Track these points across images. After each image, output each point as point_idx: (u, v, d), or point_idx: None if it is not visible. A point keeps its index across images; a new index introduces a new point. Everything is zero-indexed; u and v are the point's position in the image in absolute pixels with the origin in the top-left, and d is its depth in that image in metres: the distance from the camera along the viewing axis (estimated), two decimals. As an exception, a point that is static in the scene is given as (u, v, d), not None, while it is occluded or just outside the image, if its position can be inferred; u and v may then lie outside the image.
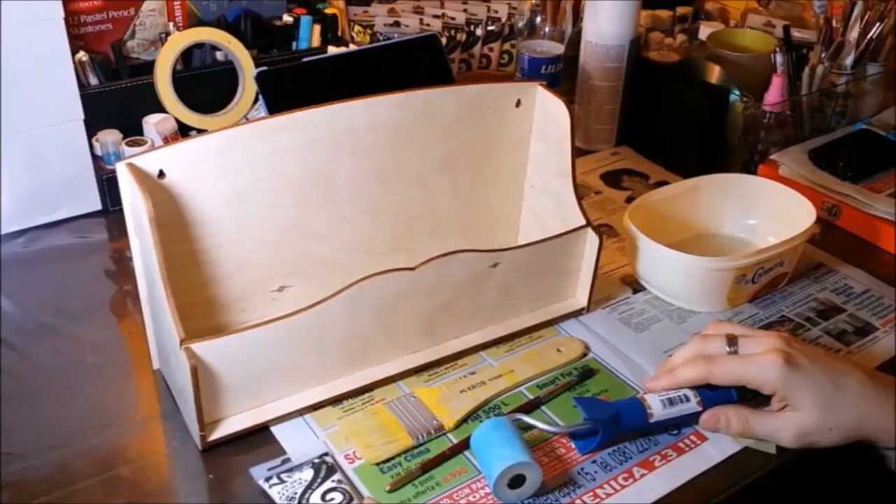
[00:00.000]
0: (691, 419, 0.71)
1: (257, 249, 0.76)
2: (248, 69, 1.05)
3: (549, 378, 0.77)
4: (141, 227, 0.66)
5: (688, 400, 0.70)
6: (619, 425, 0.69)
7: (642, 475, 0.68)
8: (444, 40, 1.24)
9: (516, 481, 0.64)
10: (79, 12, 1.02)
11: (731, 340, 0.70)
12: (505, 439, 0.65)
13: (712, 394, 0.70)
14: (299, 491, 0.64)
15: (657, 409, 0.69)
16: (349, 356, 0.73)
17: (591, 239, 0.80)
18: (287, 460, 0.67)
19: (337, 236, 0.80)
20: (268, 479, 0.65)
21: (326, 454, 0.67)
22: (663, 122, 1.11)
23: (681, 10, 1.36)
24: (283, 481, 0.65)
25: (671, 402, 0.69)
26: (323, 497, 0.63)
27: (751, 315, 0.86)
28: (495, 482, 0.63)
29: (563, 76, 1.18)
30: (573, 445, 0.70)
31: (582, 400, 0.71)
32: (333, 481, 0.65)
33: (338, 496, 0.63)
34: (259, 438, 0.70)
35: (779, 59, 1.08)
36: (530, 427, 0.70)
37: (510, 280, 0.78)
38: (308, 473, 0.65)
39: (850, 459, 0.80)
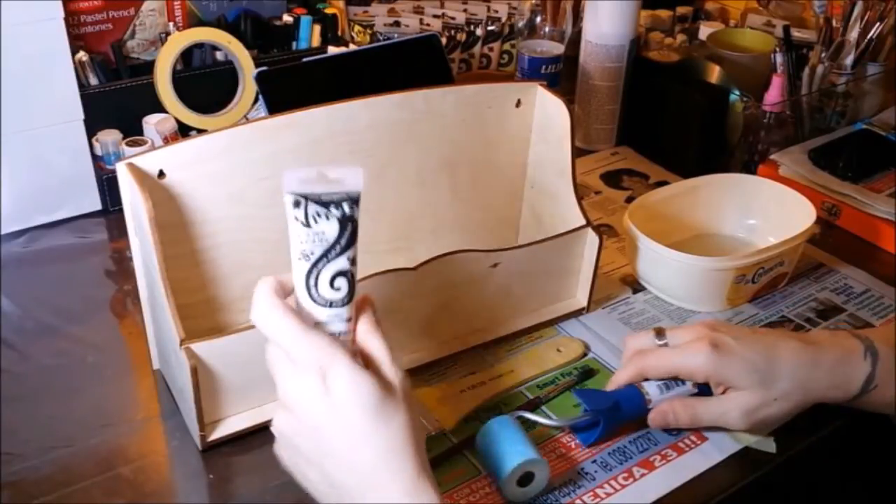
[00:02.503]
0: None
1: (257, 249, 0.76)
2: (248, 69, 1.05)
3: (549, 378, 0.77)
4: (141, 227, 0.66)
5: (683, 383, 0.70)
6: (620, 414, 0.69)
7: (642, 475, 0.68)
8: (444, 40, 1.23)
9: (525, 479, 0.64)
10: (79, 12, 1.02)
11: (660, 333, 0.71)
12: (513, 437, 0.65)
13: None
14: (316, 252, 0.56)
15: (654, 394, 0.69)
16: (349, 356, 0.73)
17: (591, 239, 0.80)
18: (322, 179, 0.56)
19: (337, 236, 0.80)
20: (296, 204, 0.56)
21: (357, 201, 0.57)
22: (663, 122, 1.11)
23: (681, 10, 1.36)
24: (308, 224, 0.56)
25: (667, 386, 0.70)
26: (332, 281, 0.56)
27: (751, 315, 0.86)
28: (506, 479, 0.63)
29: (563, 76, 1.18)
30: (576, 438, 0.71)
31: (581, 392, 0.72)
32: (348, 258, 0.57)
33: (344, 285, 0.57)
34: (259, 438, 0.70)
35: (779, 59, 1.08)
36: (533, 424, 0.70)
37: (510, 280, 0.78)
38: (333, 228, 0.56)
39: (850, 459, 0.81)
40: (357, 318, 0.58)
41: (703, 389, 0.70)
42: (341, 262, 0.56)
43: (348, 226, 0.57)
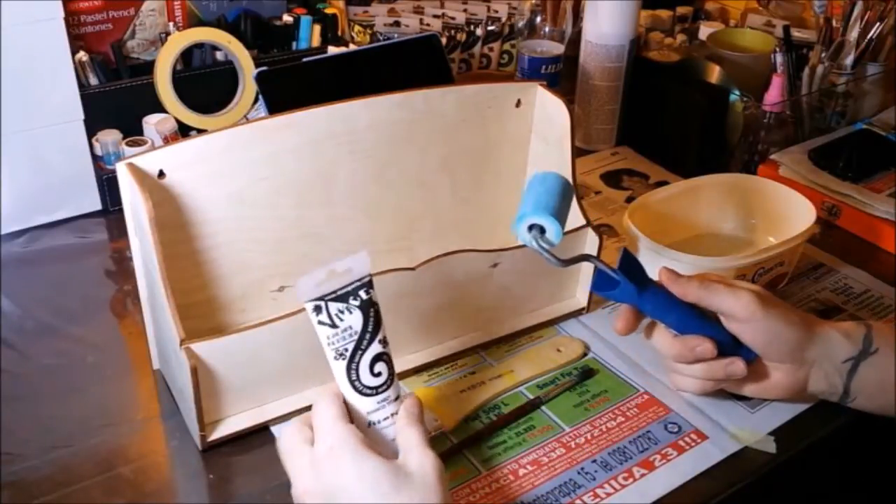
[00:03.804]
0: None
1: (257, 249, 0.76)
2: (248, 69, 1.05)
3: (549, 378, 0.77)
4: (141, 227, 0.66)
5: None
6: (646, 295, 0.69)
7: (642, 475, 0.68)
8: (444, 40, 1.24)
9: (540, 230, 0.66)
10: (79, 12, 1.02)
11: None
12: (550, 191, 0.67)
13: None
14: (350, 347, 0.58)
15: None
16: (349, 356, 0.73)
17: (591, 239, 0.80)
18: (332, 275, 0.58)
19: (337, 236, 0.80)
20: (317, 310, 0.58)
21: (371, 284, 0.59)
22: (663, 122, 1.11)
23: (681, 10, 1.36)
24: (334, 325, 0.58)
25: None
26: (372, 366, 0.59)
27: (751, 315, 0.86)
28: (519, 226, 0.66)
29: (563, 76, 1.18)
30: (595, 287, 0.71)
31: (630, 257, 0.70)
32: (380, 343, 0.59)
33: (384, 370, 0.59)
34: (259, 438, 0.70)
35: (779, 59, 1.08)
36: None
37: (510, 280, 0.78)
38: (357, 321, 0.58)
39: (851, 459, 0.81)
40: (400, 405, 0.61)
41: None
42: (375, 348, 0.59)
43: (370, 311, 0.59)
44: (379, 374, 0.59)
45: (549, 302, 0.84)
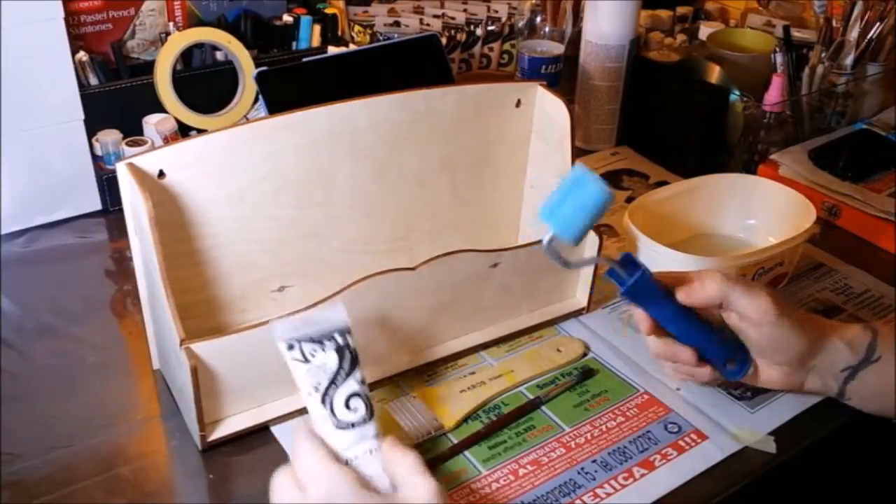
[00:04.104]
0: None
1: (257, 249, 0.76)
2: (248, 69, 1.05)
3: (549, 378, 0.77)
4: (141, 227, 0.66)
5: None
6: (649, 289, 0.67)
7: (642, 475, 0.68)
8: (444, 40, 1.24)
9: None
10: (79, 12, 1.02)
11: None
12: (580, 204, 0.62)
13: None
14: (324, 382, 0.58)
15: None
16: (349, 356, 0.73)
17: (591, 239, 0.80)
18: (309, 323, 0.60)
19: (337, 236, 0.80)
20: (290, 347, 0.58)
21: (348, 331, 0.60)
22: (663, 122, 1.11)
23: (681, 10, 1.36)
24: (307, 360, 0.58)
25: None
26: (347, 402, 0.58)
27: (751, 315, 0.86)
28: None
29: (563, 76, 1.18)
30: (614, 280, 0.67)
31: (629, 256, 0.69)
32: (356, 379, 0.59)
33: (360, 406, 0.58)
34: (259, 438, 0.70)
35: (779, 59, 1.08)
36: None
37: (510, 280, 0.78)
38: (332, 360, 0.59)
39: (850, 459, 0.81)
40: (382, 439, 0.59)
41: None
42: (351, 385, 0.59)
43: (346, 353, 0.59)
44: (356, 410, 0.58)
45: (549, 302, 0.84)
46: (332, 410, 0.58)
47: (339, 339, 0.59)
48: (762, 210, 0.93)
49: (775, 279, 0.87)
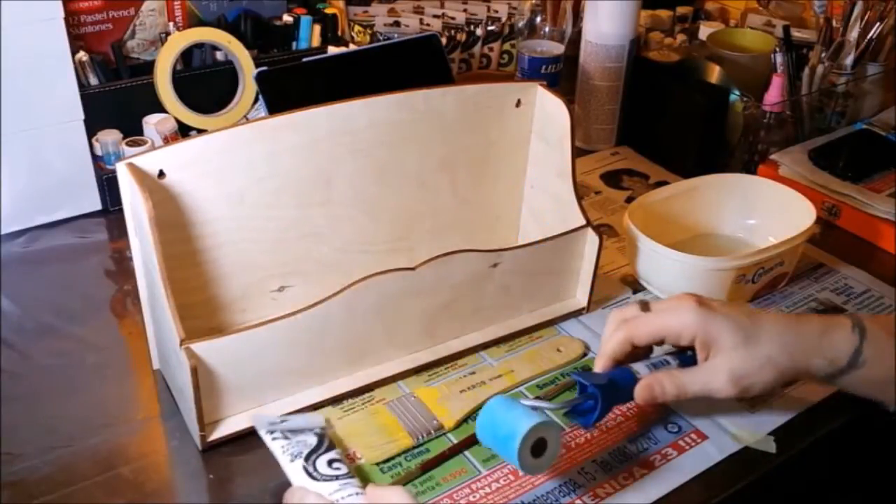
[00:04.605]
0: None
1: (257, 249, 0.76)
2: (248, 69, 1.05)
3: (549, 378, 0.77)
4: (141, 227, 0.66)
5: (669, 363, 0.70)
6: (616, 393, 0.68)
7: (642, 475, 0.68)
8: (444, 40, 1.24)
9: (538, 448, 0.62)
10: (79, 12, 1.02)
11: (644, 305, 0.71)
12: (515, 410, 0.64)
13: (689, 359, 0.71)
14: (305, 451, 0.63)
15: (644, 372, 0.69)
16: (349, 356, 0.73)
17: (591, 239, 0.80)
18: (286, 419, 0.67)
19: (337, 236, 0.80)
20: (271, 433, 0.65)
21: (326, 427, 0.67)
22: (663, 122, 1.11)
23: (681, 10, 1.36)
24: (287, 437, 0.64)
25: (655, 366, 0.70)
26: (330, 463, 0.63)
27: (751, 315, 0.86)
28: (520, 448, 0.61)
29: (563, 76, 1.18)
30: (577, 422, 0.69)
31: (578, 373, 0.73)
32: (337, 453, 0.64)
33: (342, 467, 0.63)
34: (259, 438, 0.70)
35: (779, 59, 1.08)
36: (535, 409, 0.69)
37: (510, 280, 0.78)
38: (312, 439, 0.65)
39: (850, 459, 0.81)
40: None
41: (687, 360, 0.70)
42: (332, 454, 0.64)
43: (325, 439, 0.65)
44: (338, 469, 0.63)
45: (549, 302, 0.84)
46: (315, 469, 0.62)
47: (318, 431, 0.65)
48: (762, 210, 0.93)
49: (775, 279, 0.87)
